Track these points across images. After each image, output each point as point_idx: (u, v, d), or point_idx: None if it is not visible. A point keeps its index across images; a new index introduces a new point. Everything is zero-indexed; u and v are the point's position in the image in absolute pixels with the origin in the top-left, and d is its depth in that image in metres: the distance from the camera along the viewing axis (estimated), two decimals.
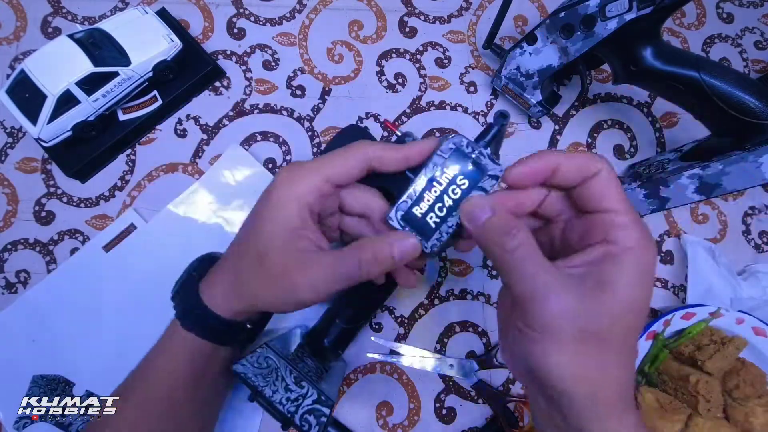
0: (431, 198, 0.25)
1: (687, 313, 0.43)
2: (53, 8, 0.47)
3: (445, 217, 0.25)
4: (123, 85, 0.41)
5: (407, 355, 0.42)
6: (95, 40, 0.39)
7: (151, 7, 0.44)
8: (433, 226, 0.25)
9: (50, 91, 0.37)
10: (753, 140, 0.36)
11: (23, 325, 0.40)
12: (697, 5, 0.55)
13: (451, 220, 0.25)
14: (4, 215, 0.43)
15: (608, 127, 0.50)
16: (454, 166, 0.25)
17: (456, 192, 0.25)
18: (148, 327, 0.41)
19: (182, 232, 0.43)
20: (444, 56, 0.50)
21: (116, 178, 0.44)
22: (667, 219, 0.49)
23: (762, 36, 0.55)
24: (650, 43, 0.37)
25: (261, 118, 0.47)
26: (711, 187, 0.39)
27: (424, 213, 0.25)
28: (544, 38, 0.41)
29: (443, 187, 0.25)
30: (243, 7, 0.49)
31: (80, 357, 0.40)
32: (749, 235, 0.49)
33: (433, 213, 0.25)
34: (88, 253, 0.42)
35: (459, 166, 0.25)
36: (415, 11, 0.51)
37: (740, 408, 0.40)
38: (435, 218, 0.25)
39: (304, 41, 0.49)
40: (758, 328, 0.42)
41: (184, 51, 0.43)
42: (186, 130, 0.46)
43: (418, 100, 0.49)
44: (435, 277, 0.45)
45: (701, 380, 0.39)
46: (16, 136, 0.44)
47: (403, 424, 0.42)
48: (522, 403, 0.43)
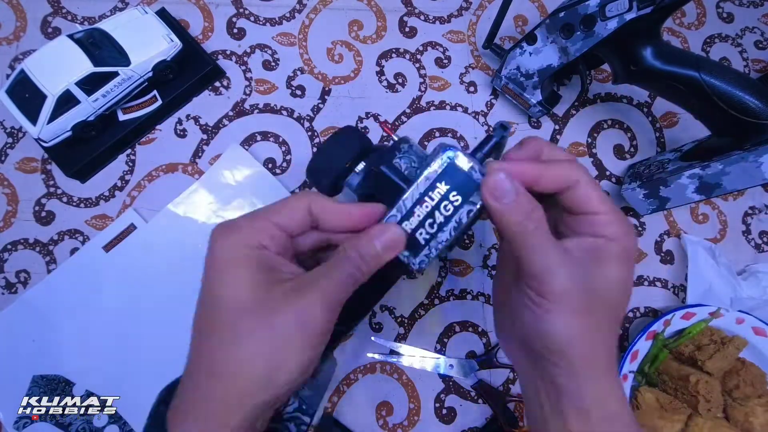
0: (422, 213, 0.24)
1: (687, 313, 0.43)
2: (53, 8, 0.47)
3: (435, 233, 0.24)
4: (123, 85, 0.41)
5: (407, 355, 0.42)
6: (95, 40, 0.39)
7: (151, 7, 0.44)
8: (422, 243, 0.25)
9: (50, 91, 0.37)
10: (753, 140, 0.36)
11: (23, 325, 0.40)
12: (697, 5, 0.54)
13: (442, 236, 0.24)
14: (4, 215, 0.43)
15: (608, 127, 0.50)
16: (446, 181, 0.24)
17: (448, 208, 0.24)
18: (148, 327, 0.41)
19: (182, 232, 0.43)
20: (444, 56, 0.50)
21: (116, 178, 0.44)
22: (667, 219, 0.49)
23: (762, 36, 0.55)
24: (650, 42, 0.37)
25: (261, 118, 0.47)
26: (711, 187, 0.39)
27: (413, 228, 0.24)
28: (544, 38, 0.41)
29: (435, 203, 0.24)
30: (243, 7, 0.49)
31: (80, 357, 0.40)
32: (749, 235, 0.49)
33: (423, 229, 0.24)
34: (88, 253, 0.42)
35: (452, 180, 0.24)
36: (415, 11, 0.51)
37: (740, 408, 0.40)
38: (425, 234, 0.25)
39: (304, 41, 0.49)
40: (758, 328, 0.42)
41: (184, 51, 0.43)
42: (186, 130, 0.46)
43: (418, 100, 0.49)
44: (435, 277, 0.45)
45: (701, 380, 0.39)
46: (16, 136, 0.44)
47: (403, 424, 0.42)
48: (522, 403, 0.43)
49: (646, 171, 0.44)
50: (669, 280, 0.47)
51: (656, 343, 0.43)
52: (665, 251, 0.48)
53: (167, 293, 0.41)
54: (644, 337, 0.42)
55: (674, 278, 0.47)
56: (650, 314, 0.46)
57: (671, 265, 0.48)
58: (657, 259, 0.47)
